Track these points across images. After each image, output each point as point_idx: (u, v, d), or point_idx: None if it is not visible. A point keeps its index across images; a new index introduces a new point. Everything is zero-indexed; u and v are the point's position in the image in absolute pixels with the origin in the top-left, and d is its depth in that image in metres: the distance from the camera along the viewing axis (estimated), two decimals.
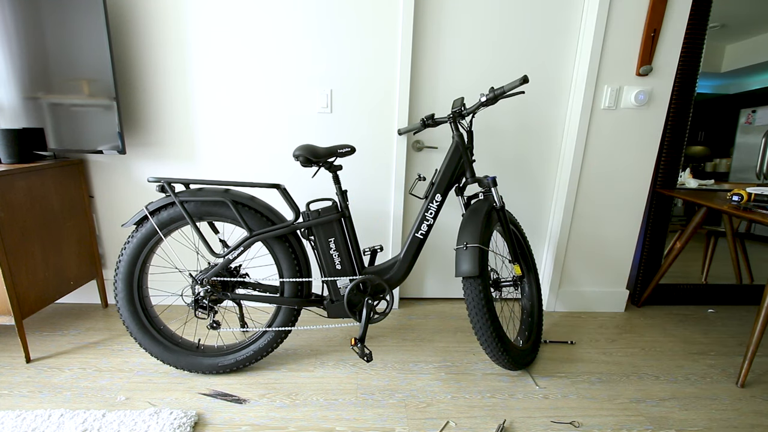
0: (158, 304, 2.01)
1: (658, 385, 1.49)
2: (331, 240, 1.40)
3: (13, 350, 1.58)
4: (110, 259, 1.98)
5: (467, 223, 1.41)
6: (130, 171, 1.86)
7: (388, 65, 1.76)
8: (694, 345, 1.79)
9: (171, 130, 1.81)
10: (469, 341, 1.76)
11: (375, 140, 1.85)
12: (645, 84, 1.78)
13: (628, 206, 1.96)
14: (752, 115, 1.98)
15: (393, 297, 1.51)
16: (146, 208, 1.32)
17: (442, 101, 1.86)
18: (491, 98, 1.36)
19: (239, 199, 1.35)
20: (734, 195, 1.60)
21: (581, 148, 1.84)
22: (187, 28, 1.69)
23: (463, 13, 1.75)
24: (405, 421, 1.27)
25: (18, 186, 1.46)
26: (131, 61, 1.73)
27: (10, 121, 1.61)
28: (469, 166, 1.47)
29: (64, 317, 1.85)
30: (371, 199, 1.93)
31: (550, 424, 1.28)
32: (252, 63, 1.74)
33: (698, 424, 1.30)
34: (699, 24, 1.79)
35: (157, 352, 1.42)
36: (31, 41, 1.53)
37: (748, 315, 2.11)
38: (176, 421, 1.19)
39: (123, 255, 1.35)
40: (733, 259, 2.20)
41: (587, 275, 2.06)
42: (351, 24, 1.71)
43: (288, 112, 1.80)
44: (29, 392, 1.34)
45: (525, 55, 1.81)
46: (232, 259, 1.36)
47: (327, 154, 1.36)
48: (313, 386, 1.42)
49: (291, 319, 1.46)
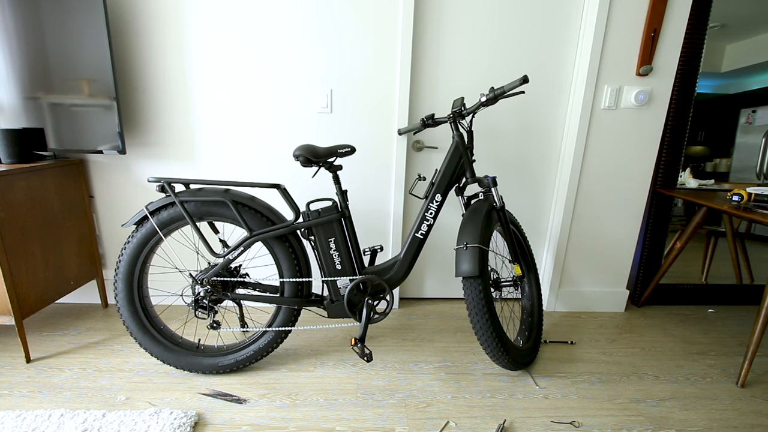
0: (158, 304, 2.01)
1: (658, 385, 1.49)
2: (331, 240, 1.40)
3: (13, 350, 1.58)
4: (110, 259, 1.98)
5: (467, 223, 1.41)
6: (130, 171, 1.86)
7: (388, 65, 1.76)
8: (694, 345, 1.79)
9: (171, 130, 1.81)
10: (469, 341, 1.76)
11: (375, 140, 1.85)
12: (645, 84, 1.78)
13: (628, 206, 1.96)
14: (752, 115, 1.98)
15: (393, 297, 1.51)
16: (146, 208, 1.32)
17: (442, 101, 1.86)
18: (491, 98, 1.36)
19: (239, 199, 1.35)
20: (734, 195, 1.60)
21: (581, 148, 1.84)
22: (188, 27, 1.69)
23: (463, 13, 1.75)
24: (405, 421, 1.27)
25: (18, 186, 1.46)
26: (131, 61, 1.73)
27: (10, 121, 1.61)
28: (469, 166, 1.47)
29: (64, 317, 1.85)
30: (371, 199, 1.93)
31: (550, 424, 1.28)
32: (252, 63, 1.74)
33: (698, 424, 1.30)
34: (699, 24, 1.79)
35: (157, 352, 1.42)
36: (31, 41, 1.53)
37: (748, 315, 2.11)
38: (176, 421, 1.20)
39: (123, 255, 1.35)
40: (733, 259, 2.20)
41: (587, 275, 2.06)
42: (351, 24, 1.71)
43: (288, 112, 1.80)
44: (29, 392, 1.34)
45: (525, 55, 1.81)
46: (232, 259, 1.36)
47: (327, 154, 1.36)
48: (313, 386, 1.42)
49: (291, 319, 1.46)
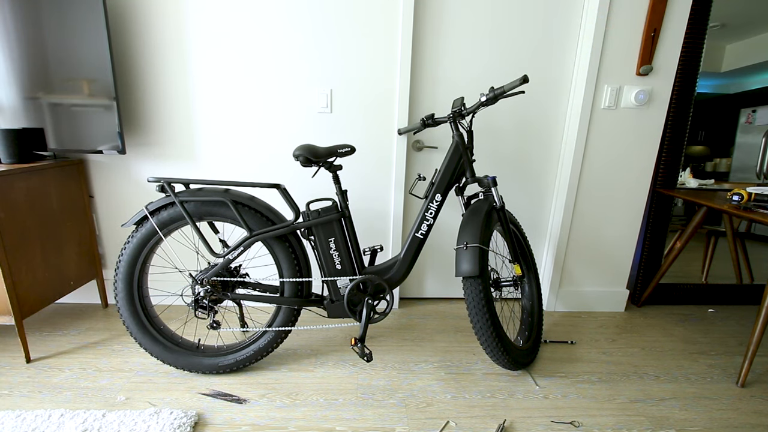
0: (158, 304, 2.01)
1: (658, 385, 1.49)
2: (331, 240, 1.40)
3: (13, 350, 1.58)
4: (110, 259, 1.98)
5: (467, 222, 1.41)
6: (130, 171, 1.86)
7: (388, 65, 1.76)
8: (694, 345, 1.79)
9: (171, 130, 1.81)
10: (469, 341, 1.76)
11: (375, 140, 1.85)
12: (645, 84, 1.78)
13: (628, 206, 1.95)
14: (752, 114, 1.98)
15: (393, 297, 1.51)
16: (146, 208, 1.32)
17: (442, 101, 1.86)
18: (491, 98, 1.36)
19: (239, 199, 1.35)
20: (734, 195, 1.60)
21: (581, 147, 1.84)
22: (188, 27, 1.69)
23: (463, 13, 1.75)
24: (405, 421, 1.27)
25: (18, 186, 1.46)
26: (131, 61, 1.73)
27: (10, 121, 1.61)
28: (469, 165, 1.47)
29: (64, 317, 1.85)
30: (371, 199, 1.93)
31: (550, 424, 1.28)
32: (252, 63, 1.74)
33: (698, 424, 1.30)
34: (699, 24, 1.79)
35: (157, 352, 1.42)
36: (31, 41, 1.53)
37: (748, 315, 2.11)
38: (176, 421, 1.19)
39: (123, 255, 1.35)
40: (733, 258, 2.20)
41: (587, 275, 2.06)
42: (351, 24, 1.71)
43: (288, 111, 1.80)
44: (29, 392, 1.34)
45: (525, 55, 1.81)
46: (232, 259, 1.36)
47: (327, 154, 1.36)
48: (313, 386, 1.42)
49: (291, 319, 1.46)
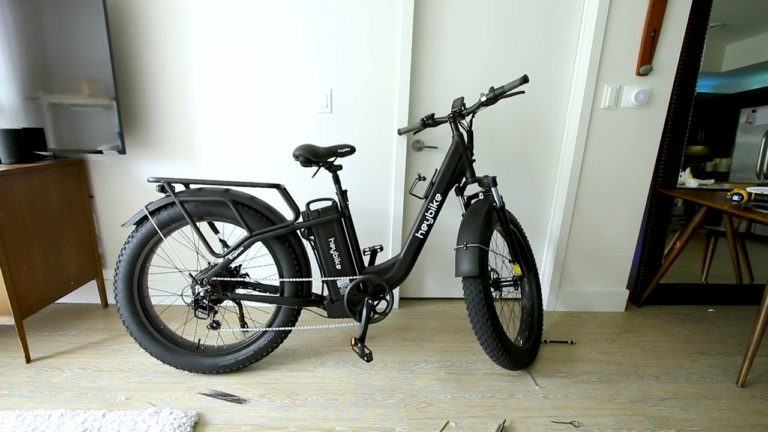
0: (158, 304, 2.01)
1: (658, 385, 1.49)
2: (331, 240, 1.40)
3: (13, 350, 1.58)
4: (110, 259, 1.98)
5: (467, 222, 1.41)
6: (130, 171, 1.86)
7: (388, 65, 1.76)
8: (694, 345, 1.79)
9: (171, 129, 1.81)
10: (469, 341, 1.76)
11: (375, 140, 1.85)
12: (645, 84, 1.78)
13: (628, 206, 1.95)
14: (752, 114, 1.98)
15: (393, 297, 1.51)
16: (146, 208, 1.32)
17: (442, 101, 1.86)
18: (491, 98, 1.36)
19: (239, 199, 1.35)
20: (734, 195, 1.60)
21: (581, 147, 1.84)
22: (188, 28, 1.69)
23: (463, 13, 1.75)
24: (405, 421, 1.27)
25: (18, 186, 1.46)
26: (131, 61, 1.73)
27: (10, 121, 1.61)
28: (469, 165, 1.47)
29: (64, 317, 1.85)
30: (371, 199, 1.93)
31: (550, 424, 1.28)
32: (252, 63, 1.74)
33: (698, 424, 1.30)
34: (699, 24, 1.79)
35: (157, 352, 1.42)
36: (31, 41, 1.53)
37: (748, 315, 2.11)
38: (176, 421, 1.20)
39: (123, 255, 1.35)
40: (733, 258, 2.20)
41: (587, 275, 2.06)
42: (351, 24, 1.71)
43: (288, 111, 1.80)
44: (29, 392, 1.34)
45: (525, 55, 1.81)
46: (232, 259, 1.36)
47: (327, 154, 1.36)
48: (313, 386, 1.42)
49: (291, 319, 1.46)
